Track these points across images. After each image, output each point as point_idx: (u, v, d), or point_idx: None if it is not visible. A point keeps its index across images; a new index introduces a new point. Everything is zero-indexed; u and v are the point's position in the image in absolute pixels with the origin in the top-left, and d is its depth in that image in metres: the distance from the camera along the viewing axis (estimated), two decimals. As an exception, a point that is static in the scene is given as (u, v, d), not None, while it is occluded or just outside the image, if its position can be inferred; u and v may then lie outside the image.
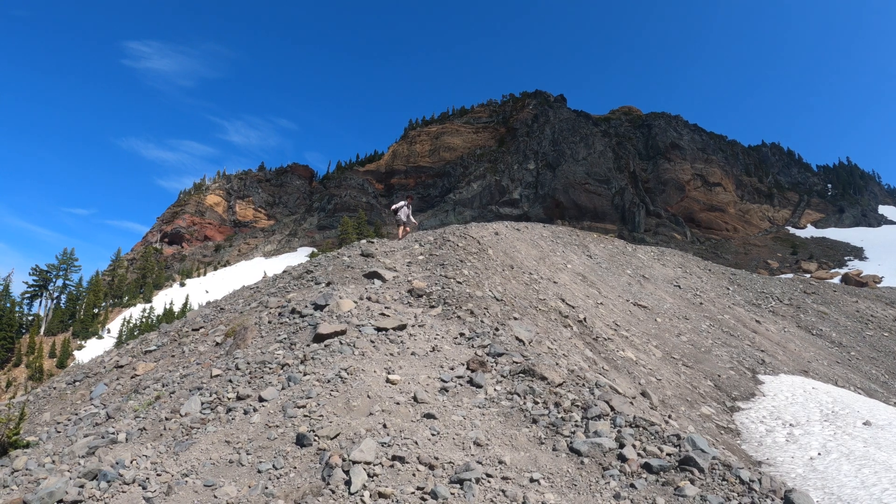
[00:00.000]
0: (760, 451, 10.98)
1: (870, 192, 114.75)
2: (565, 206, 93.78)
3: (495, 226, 27.71)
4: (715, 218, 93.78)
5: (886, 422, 12.65)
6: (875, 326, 30.44)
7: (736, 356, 18.96)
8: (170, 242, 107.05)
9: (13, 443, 6.36)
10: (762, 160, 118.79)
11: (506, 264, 16.37)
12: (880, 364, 24.26)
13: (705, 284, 32.17)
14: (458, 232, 19.33)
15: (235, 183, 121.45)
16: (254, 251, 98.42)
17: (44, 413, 8.38)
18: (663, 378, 13.31)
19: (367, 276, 11.53)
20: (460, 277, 11.72)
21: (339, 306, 8.90)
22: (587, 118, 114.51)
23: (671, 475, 4.54)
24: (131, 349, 10.94)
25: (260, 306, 10.47)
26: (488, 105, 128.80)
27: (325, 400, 5.88)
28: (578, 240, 33.05)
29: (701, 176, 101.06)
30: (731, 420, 12.82)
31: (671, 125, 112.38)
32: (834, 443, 10.97)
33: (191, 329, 10.59)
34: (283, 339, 8.10)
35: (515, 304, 11.41)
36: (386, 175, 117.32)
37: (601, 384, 6.80)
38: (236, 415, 5.91)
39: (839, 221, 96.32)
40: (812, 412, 13.36)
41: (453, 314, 9.29)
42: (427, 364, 7.16)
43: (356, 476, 4.37)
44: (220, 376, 7.12)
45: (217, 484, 4.67)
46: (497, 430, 5.42)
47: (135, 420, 6.49)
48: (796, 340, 24.73)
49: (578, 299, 17.55)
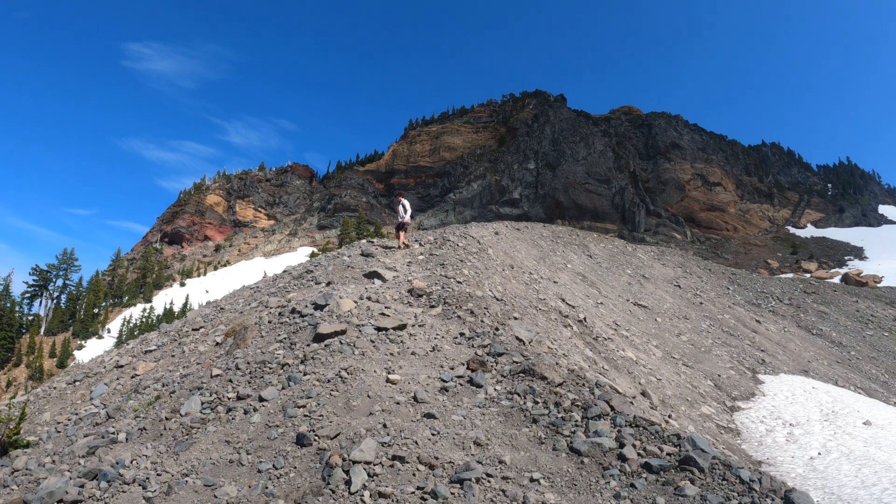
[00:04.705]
0: (760, 450, 10.98)
1: (870, 192, 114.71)
2: (565, 205, 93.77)
3: (495, 226, 27.72)
4: (715, 218, 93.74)
5: (886, 422, 12.65)
6: (875, 326, 30.43)
7: (736, 356, 18.95)
8: (170, 242, 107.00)
9: (13, 443, 6.35)
10: (762, 160, 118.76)
11: (506, 264, 16.37)
12: (880, 364, 24.25)
13: (705, 284, 32.16)
14: (458, 232, 19.34)
15: (235, 183, 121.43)
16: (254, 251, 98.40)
17: (44, 413, 8.38)
18: (663, 378, 13.31)
19: (367, 275, 11.53)
20: (460, 277, 11.72)
21: (339, 306, 8.89)
22: (587, 118, 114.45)
23: (671, 475, 4.54)
24: (131, 349, 10.94)
25: (260, 306, 10.47)
26: (488, 105, 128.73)
27: (326, 400, 5.88)
28: (578, 240, 33.05)
29: (701, 176, 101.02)
30: (731, 420, 12.82)
31: (671, 125, 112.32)
32: (834, 442, 10.96)
33: (191, 329, 10.59)
34: (284, 338, 8.10)
35: (515, 303, 11.40)
36: (386, 175, 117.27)
37: (601, 384, 6.80)
38: (236, 415, 5.91)
39: (839, 221, 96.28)
40: (812, 412, 13.36)
41: (453, 314, 9.29)
42: (427, 364, 7.16)
43: (356, 476, 4.37)
44: (221, 376, 7.12)
45: (217, 484, 4.67)
46: (497, 430, 5.42)
47: (135, 420, 6.49)
48: (796, 340, 24.72)
49: (578, 299, 17.55)
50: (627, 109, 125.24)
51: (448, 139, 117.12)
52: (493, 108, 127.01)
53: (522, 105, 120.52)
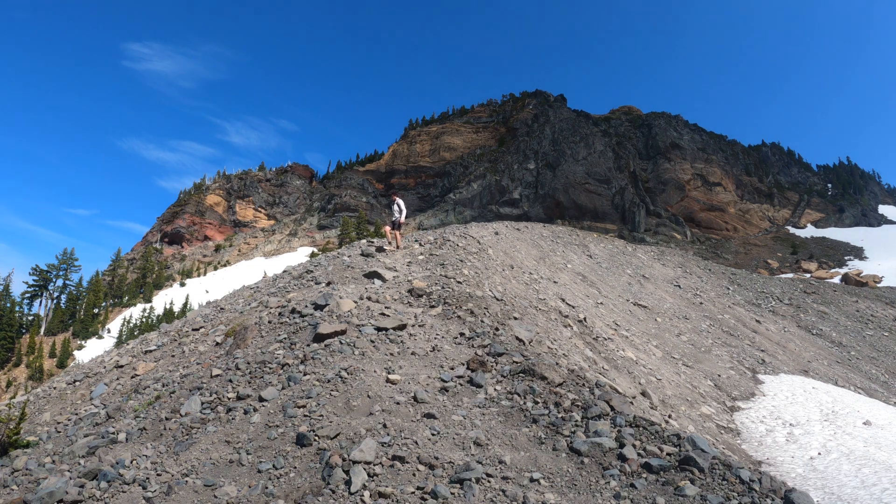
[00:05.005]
0: (760, 450, 10.98)
1: (870, 192, 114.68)
2: (565, 205, 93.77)
3: (495, 226, 27.72)
4: (715, 218, 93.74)
5: (886, 422, 12.65)
6: (875, 326, 30.42)
7: (736, 356, 18.95)
8: (170, 242, 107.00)
9: (13, 443, 6.35)
10: (762, 160, 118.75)
11: (506, 264, 16.37)
12: (880, 364, 24.25)
13: (705, 284, 32.16)
14: (458, 232, 19.34)
15: (235, 183, 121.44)
16: (254, 251, 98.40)
17: (44, 413, 8.37)
18: (663, 378, 13.31)
19: (367, 275, 11.53)
20: (460, 277, 11.72)
21: (339, 306, 8.89)
22: (587, 118, 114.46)
23: (671, 475, 4.54)
24: (131, 349, 10.94)
25: (260, 306, 10.47)
26: (488, 105, 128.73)
27: (326, 400, 5.88)
28: (578, 240, 33.05)
29: (701, 176, 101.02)
30: (731, 420, 12.82)
31: (671, 125, 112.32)
32: (834, 442, 10.96)
33: (191, 329, 10.59)
34: (284, 338, 8.10)
35: (515, 303, 11.40)
36: (386, 175, 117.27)
37: (601, 384, 6.80)
38: (236, 415, 5.91)
39: (839, 221, 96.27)
40: (812, 412, 13.36)
41: (453, 314, 9.29)
42: (427, 364, 7.16)
43: (356, 476, 4.37)
44: (221, 376, 7.12)
45: (217, 484, 4.67)
46: (497, 430, 5.41)
47: (135, 420, 6.49)
48: (796, 340, 24.72)
49: (578, 299, 17.55)
50: (627, 109, 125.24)
51: (448, 139, 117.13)
52: (493, 108, 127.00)
53: (522, 105, 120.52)
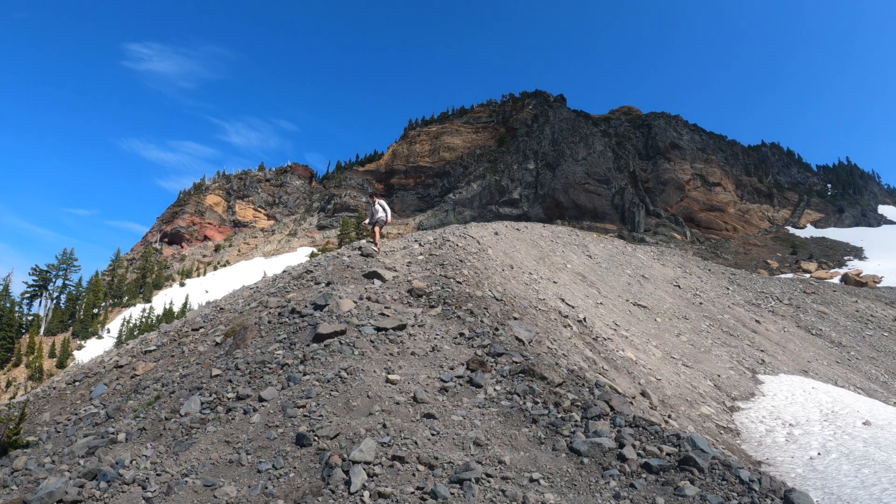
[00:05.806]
0: (760, 450, 10.98)
1: (870, 192, 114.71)
2: (565, 206, 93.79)
3: (495, 226, 27.71)
4: (715, 218, 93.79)
5: (886, 422, 12.64)
6: (875, 326, 30.44)
7: (736, 356, 18.95)
8: (170, 242, 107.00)
9: (13, 443, 6.35)
10: (762, 160, 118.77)
11: (506, 264, 16.37)
12: (880, 364, 24.25)
13: (705, 284, 32.16)
14: (458, 232, 19.33)
15: (235, 183, 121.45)
16: (254, 251, 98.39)
17: (44, 413, 8.37)
18: (663, 378, 13.31)
19: (367, 276, 11.53)
20: (460, 277, 11.72)
21: (338, 306, 8.89)
22: (587, 118, 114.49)
23: (671, 475, 4.54)
24: (131, 349, 10.94)
25: (260, 306, 10.46)
26: (488, 105, 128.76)
27: (325, 400, 5.88)
28: (578, 240, 33.03)
29: (701, 176, 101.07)
30: (731, 420, 12.82)
31: (671, 125, 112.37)
32: (834, 443, 10.96)
33: (191, 329, 10.58)
34: (283, 339, 8.10)
35: (515, 303, 11.40)
36: (386, 175, 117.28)
37: (601, 384, 6.80)
38: (236, 415, 5.91)
39: (839, 221, 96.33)
40: (812, 412, 13.36)
41: (453, 314, 9.29)
42: (427, 364, 7.16)
43: (356, 476, 4.37)
44: (220, 376, 7.12)
45: (217, 484, 4.67)
46: (497, 430, 5.42)
47: (135, 420, 6.49)
48: (796, 340, 24.73)
49: (578, 299, 17.55)
50: (627, 109, 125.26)
51: (448, 139, 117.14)
52: (493, 109, 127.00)
53: (522, 105, 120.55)
